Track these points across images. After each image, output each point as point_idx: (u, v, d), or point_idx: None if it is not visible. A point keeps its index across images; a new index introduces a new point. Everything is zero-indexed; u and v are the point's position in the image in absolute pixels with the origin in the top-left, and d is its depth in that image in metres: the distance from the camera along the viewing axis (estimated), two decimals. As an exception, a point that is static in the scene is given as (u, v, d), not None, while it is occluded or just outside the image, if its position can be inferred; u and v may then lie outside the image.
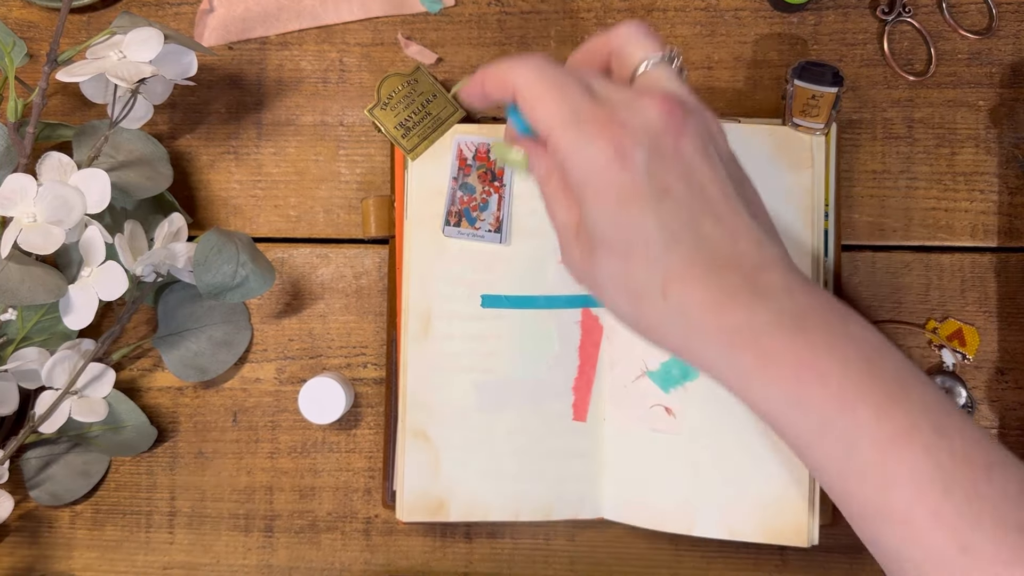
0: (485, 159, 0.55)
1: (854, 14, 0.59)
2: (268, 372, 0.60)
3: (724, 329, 0.37)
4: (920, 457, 0.35)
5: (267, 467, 0.59)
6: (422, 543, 0.59)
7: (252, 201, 0.60)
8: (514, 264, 0.55)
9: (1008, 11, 0.58)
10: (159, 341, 0.58)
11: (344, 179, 0.60)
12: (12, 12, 0.61)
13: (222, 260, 0.52)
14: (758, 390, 0.38)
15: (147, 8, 0.60)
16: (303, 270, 0.60)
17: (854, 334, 0.37)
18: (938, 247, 0.59)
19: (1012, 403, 0.58)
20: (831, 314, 0.38)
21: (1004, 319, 0.58)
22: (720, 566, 0.58)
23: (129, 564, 0.59)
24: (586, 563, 0.58)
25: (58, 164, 0.51)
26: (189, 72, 0.54)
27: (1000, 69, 0.58)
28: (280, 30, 0.60)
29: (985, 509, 0.35)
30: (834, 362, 0.36)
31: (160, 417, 0.60)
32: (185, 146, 0.60)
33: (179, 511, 0.59)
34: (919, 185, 0.58)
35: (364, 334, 0.59)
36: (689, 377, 0.54)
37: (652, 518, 0.54)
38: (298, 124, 0.60)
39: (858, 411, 0.36)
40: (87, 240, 0.51)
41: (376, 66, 0.60)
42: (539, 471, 0.55)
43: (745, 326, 0.37)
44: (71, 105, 0.61)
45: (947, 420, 0.36)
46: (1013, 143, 0.58)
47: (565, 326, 0.55)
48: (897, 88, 0.59)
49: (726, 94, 0.59)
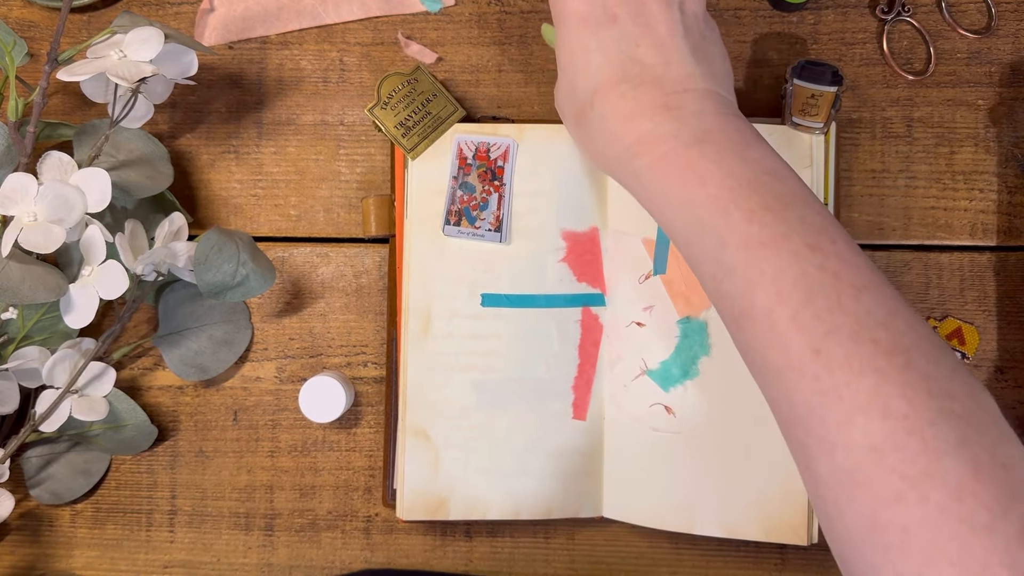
0: (485, 158, 0.55)
1: (853, 13, 0.59)
2: (268, 371, 0.60)
3: (631, 136, 0.42)
4: (787, 262, 0.37)
5: (267, 466, 0.59)
6: (422, 541, 0.59)
7: (252, 200, 0.60)
8: (514, 263, 0.55)
9: (1007, 10, 0.59)
10: (159, 340, 0.58)
11: (344, 178, 0.60)
12: (12, 12, 0.61)
13: (222, 259, 0.52)
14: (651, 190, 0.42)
15: (147, 8, 0.60)
16: (303, 269, 0.60)
17: (750, 156, 0.40)
18: (937, 246, 0.59)
19: (1012, 401, 0.58)
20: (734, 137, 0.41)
21: (1003, 318, 0.58)
22: (720, 564, 0.58)
23: (130, 563, 0.60)
24: (586, 562, 0.58)
25: (59, 163, 0.51)
26: (189, 71, 0.54)
27: (999, 68, 0.59)
28: (280, 29, 0.60)
29: (845, 322, 0.36)
30: (718, 171, 0.40)
31: (161, 416, 0.60)
32: (185, 145, 0.60)
33: (180, 510, 0.60)
34: (918, 184, 0.58)
35: (364, 333, 0.59)
36: (689, 376, 0.54)
37: (652, 517, 0.54)
38: (298, 123, 0.60)
39: (731, 213, 0.39)
40: (88, 239, 0.51)
41: (376, 66, 0.60)
42: (539, 470, 0.55)
43: (649, 134, 0.41)
44: (72, 104, 0.61)
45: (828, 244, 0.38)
46: (1012, 142, 0.58)
47: (565, 325, 0.55)
48: (896, 87, 0.59)
49: (726, 93, 0.59)
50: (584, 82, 0.44)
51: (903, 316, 0.37)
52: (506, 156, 0.55)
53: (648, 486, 0.55)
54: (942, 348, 0.37)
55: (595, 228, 0.56)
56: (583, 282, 0.55)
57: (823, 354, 0.36)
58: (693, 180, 0.40)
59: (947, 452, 0.34)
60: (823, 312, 0.36)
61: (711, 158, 0.40)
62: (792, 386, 0.37)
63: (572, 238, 0.55)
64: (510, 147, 0.55)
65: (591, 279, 0.56)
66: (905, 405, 0.35)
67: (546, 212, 0.55)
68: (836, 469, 0.36)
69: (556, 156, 0.55)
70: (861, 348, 0.36)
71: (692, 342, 0.54)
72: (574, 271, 0.55)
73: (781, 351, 0.37)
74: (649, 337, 0.55)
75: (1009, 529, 0.33)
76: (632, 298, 0.55)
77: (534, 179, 0.55)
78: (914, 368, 0.35)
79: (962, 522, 0.33)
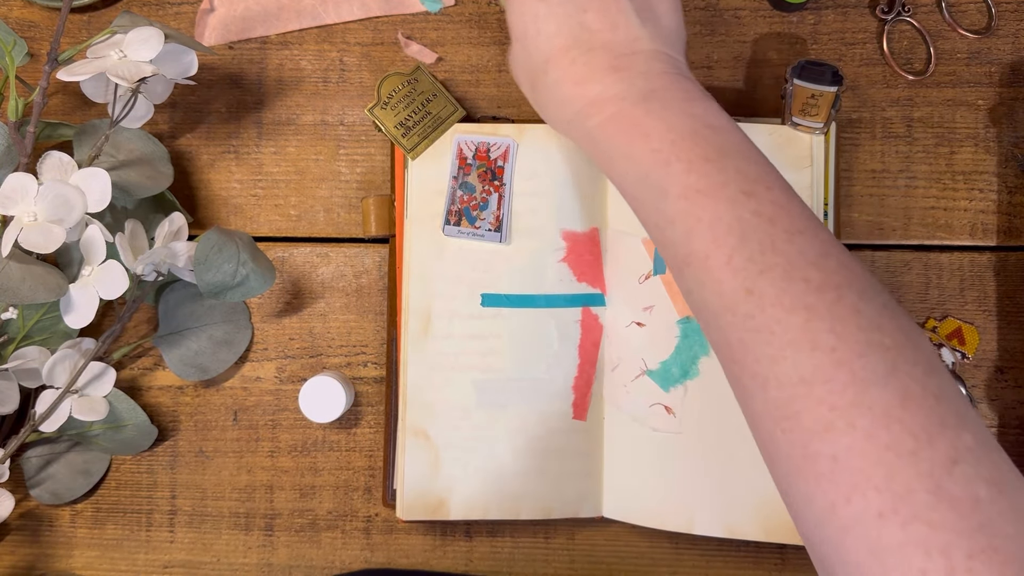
0: (485, 158, 0.55)
1: (853, 13, 0.59)
2: (268, 371, 0.60)
3: (583, 99, 0.44)
4: (723, 208, 0.39)
5: (267, 466, 0.59)
6: (422, 541, 0.59)
7: (252, 200, 0.60)
8: (514, 263, 0.55)
9: (1007, 10, 0.59)
10: (160, 340, 0.58)
11: (344, 178, 0.60)
12: (13, 12, 0.61)
13: (222, 259, 0.52)
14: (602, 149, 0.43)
15: (147, 8, 0.60)
16: (303, 269, 0.60)
17: (693, 112, 0.42)
18: (937, 246, 0.59)
19: (1011, 401, 0.58)
20: (679, 95, 0.43)
21: (1003, 318, 0.58)
22: (720, 564, 0.58)
23: (130, 563, 0.60)
24: (586, 561, 0.58)
25: (59, 163, 0.51)
26: (189, 71, 0.54)
27: (999, 68, 0.59)
28: (280, 30, 0.60)
29: (778, 263, 0.37)
30: (661, 126, 0.41)
31: (161, 416, 0.60)
32: (185, 145, 0.60)
33: (180, 510, 0.60)
34: (918, 184, 0.58)
35: (364, 333, 0.59)
36: (689, 376, 0.54)
37: (652, 516, 0.54)
38: (298, 123, 0.60)
39: (672, 165, 0.40)
40: (88, 239, 0.51)
41: (376, 66, 0.60)
42: (539, 470, 0.55)
43: (598, 96, 0.43)
44: (72, 104, 0.61)
45: (763, 191, 0.39)
46: (1012, 142, 0.58)
47: (565, 325, 0.55)
48: (896, 87, 0.59)
49: (726, 93, 0.59)
50: (536, 50, 0.46)
51: (835, 256, 0.38)
52: (506, 156, 0.55)
53: (648, 486, 0.55)
54: (875, 286, 0.38)
55: (595, 228, 0.56)
56: (583, 282, 0.55)
57: (755, 293, 0.37)
58: (638, 136, 0.42)
59: (875, 382, 0.35)
60: (756, 254, 0.38)
61: (656, 114, 0.42)
62: (728, 326, 0.38)
63: (572, 238, 0.55)
64: (510, 147, 0.55)
65: (591, 279, 0.56)
66: (834, 338, 0.35)
67: (546, 212, 0.55)
68: (769, 403, 0.37)
69: (556, 156, 0.55)
70: (793, 287, 0.37)
71: (692, 342, 0.54)
72: (574, 271, 0.55)
73: (717, 293, 0.38)
74: (649, 337, 0.55)
75: (935, 456, 0.33)
76: (632, 298, 0.55)
77: (534, 179, 0.55)
78: (844, 303, 0.36)
79: (888, 449, 0.33)
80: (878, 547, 0.33)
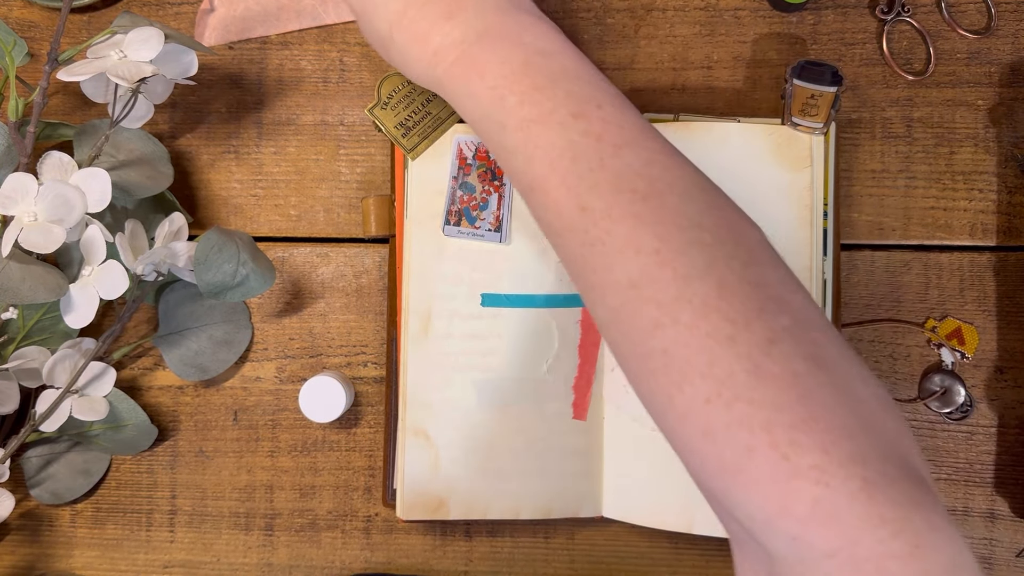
0: (485, 158, 0.55)
1: (853, 13, 0.59)
2: (268, 371, 0.60)
3: (428, 53, 0.45)
4: (555, 134, 0.40)
5: (267, 466, 0.59)
6: (422, 541, 0.59)
7: (252, 200, 0.60)
8: (514, 263, 0.55)
9: (1007, 10, 0.59)
10: (160, 340, 0.58)
11: (344, 178, 0.60)
12: (13, 12, 0.61)
13: (222, 259, 0.52)
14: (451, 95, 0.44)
15: (148, 8, 0.60)
16: (303, 269, 0.60)
17: (526, 42, 0.43)
18: (937, 246, 0.59)
19: (1011, 401, 0.58)
20: (512, 28, 0.44)
21: (1003, 318, 0.58)
22: (719, 564, 0.58)
23: (130, 563, 0.60)
24: (586, 561, 0.58)
25: (59, 163, 0.51)
26: (189, 72, 0.54)
27: (999, 68, 0.59)
28: (280, 30, 0.60)
29: (606, 177, 0.39)
30: (494, 60, 0.43)
31: (161, 416, 0.60)
32: (186, 145, 0.60)
33: (180, 510, 0.60)
34: (918, 184, 0.58)
35: (364, 333, 0.59)
36: (688, 376, 0.54)
37: (651, 516, 0.54)
38: (298, 124, 0.60)
39: (506, 100, 0.42)
40: (88, 239, 0.51)
41: (376, 66, 0.60)
42: (539, 470, 0.55)
43: (440, 46, 0.44)
44: (72, 104, 0.61)
45: (593, 110, 0.41)
46: (1012, 142, 0.58)
47: (565, 325, 0.55)
48: (896, 87, 0.59)
49: (725, 94, 0.59)
50: (379, 20, 0.47)
51: (660, 163, 0.39)
52: (506, 156, 0.55)
53: (648, 486, 0.55)
54: (700, 185, 0.40)
55: (595, 228, 0.56)
56: (583, 282, 0.55)
57: (588, 209, 0.39)
58: (476, 76, 0.43)
59: (695, 276, 0.36)
60: (585, 172, 0.39)
61: (489, 51, 0.43)
62: (569, 244, 0.40)
63: (572, 238, 0.55)
64: (510, 147, 0.55)
65: (591, 279, 0.55)
66: (656, 241, 0.37)
67: (546, 212, 0.55)
68: (608, 311, 0.39)
69: (556, 156, 0.55)
70: (620, 198, 0.38)
71: (692, 342, 0.54)
72: (574, 271, 0.55)
73: (556, 214, 0.40)
74: (649, 337, 0.55)
75: (752, 338, 0.35)
76: (632, 298, 0.55)
77: (534, 179, 0.55)
78: (667, 208, 0.38)
79: (708, 336, 0.35)
80: (709, 430, 0.35)
